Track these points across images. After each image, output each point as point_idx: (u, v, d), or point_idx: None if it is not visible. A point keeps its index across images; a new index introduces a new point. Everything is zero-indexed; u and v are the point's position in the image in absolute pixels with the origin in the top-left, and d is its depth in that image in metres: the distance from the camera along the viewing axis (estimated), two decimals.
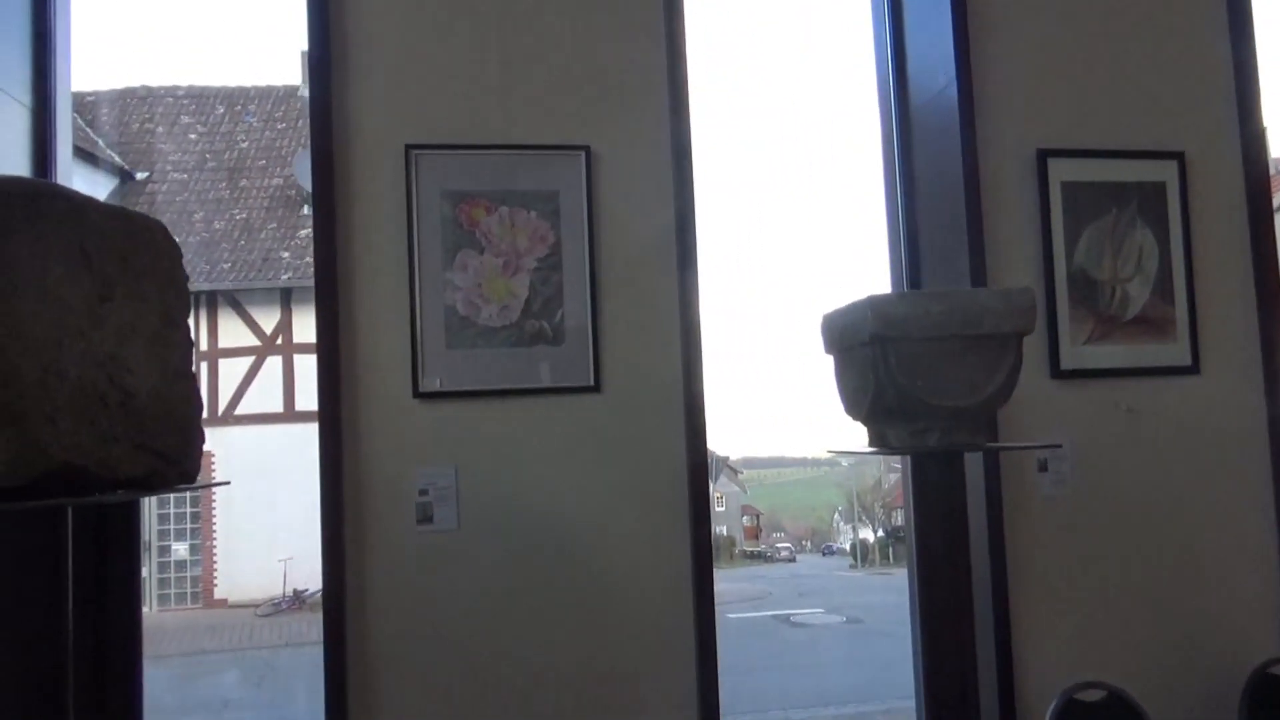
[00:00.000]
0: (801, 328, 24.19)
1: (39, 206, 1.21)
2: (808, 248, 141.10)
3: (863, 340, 1.77)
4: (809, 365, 18.25)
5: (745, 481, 46.28)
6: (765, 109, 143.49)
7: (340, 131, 2.30)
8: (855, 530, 36.60)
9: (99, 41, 41.19)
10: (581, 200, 2.35)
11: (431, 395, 2.27)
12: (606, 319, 2.36)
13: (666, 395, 2.37)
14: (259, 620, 11.99)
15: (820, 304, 19.99)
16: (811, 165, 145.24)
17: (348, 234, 2.28)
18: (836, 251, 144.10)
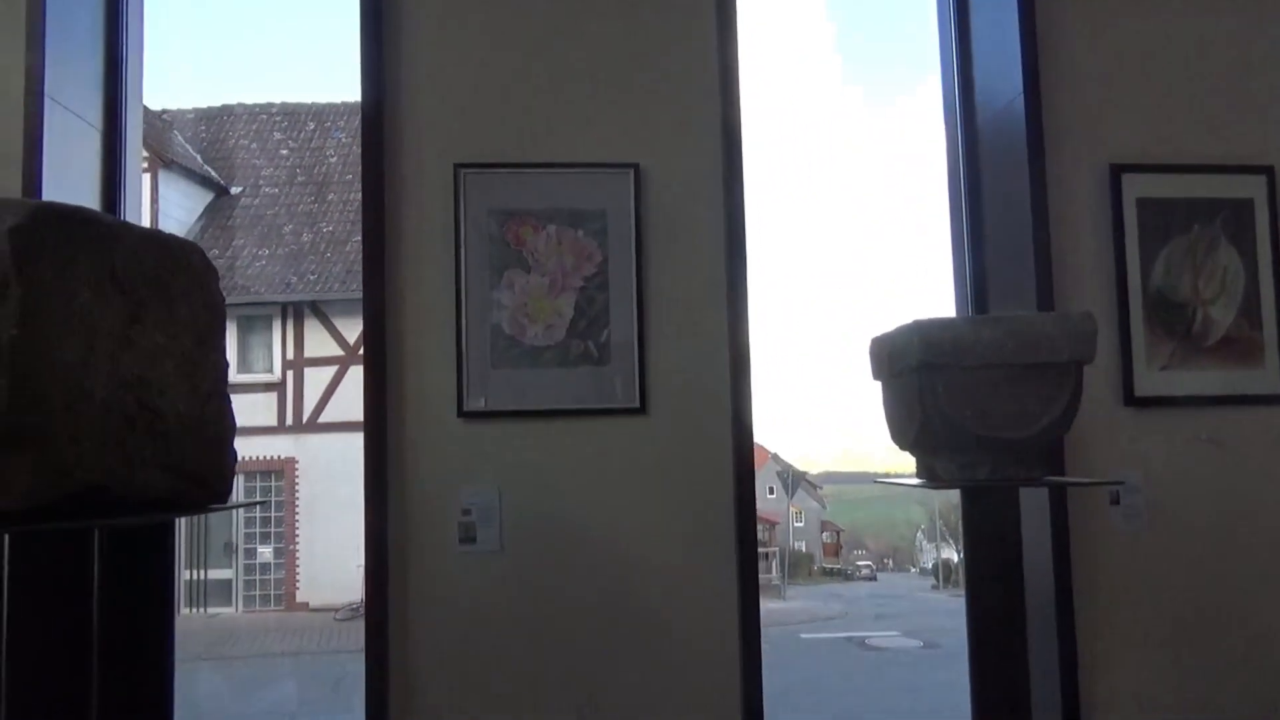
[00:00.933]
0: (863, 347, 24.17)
1: (68, 231, 1.24)
2: (870, 268, 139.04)
3: (910, 366, 1.70)
4: None
5: (826, 497, 45.60)
6: (822, 124, 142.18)
7: (391, 151, 2.33)
8: (938, 549, 35.69)
9: (188, 59, 43.16)
10: (629, 219, 2.34)
11: (476, 415, 2.28)
12: (653, 339, 2.33)
13: (714, 418, 2.33)
14: (337, 624, 12.29)
15: (883, 323, 19.34)
16: (874, 183, 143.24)
17: (396, 253, 2.31)
18: (900, 272, 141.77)
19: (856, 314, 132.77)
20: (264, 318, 13.87)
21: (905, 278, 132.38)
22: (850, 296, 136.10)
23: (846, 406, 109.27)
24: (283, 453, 13.56)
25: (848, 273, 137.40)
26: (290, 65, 43.98)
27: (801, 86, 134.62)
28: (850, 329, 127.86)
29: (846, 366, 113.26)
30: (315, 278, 14.16)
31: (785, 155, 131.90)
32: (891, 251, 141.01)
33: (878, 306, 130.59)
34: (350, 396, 13.72)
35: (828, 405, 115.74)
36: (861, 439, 72.20)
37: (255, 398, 13.39)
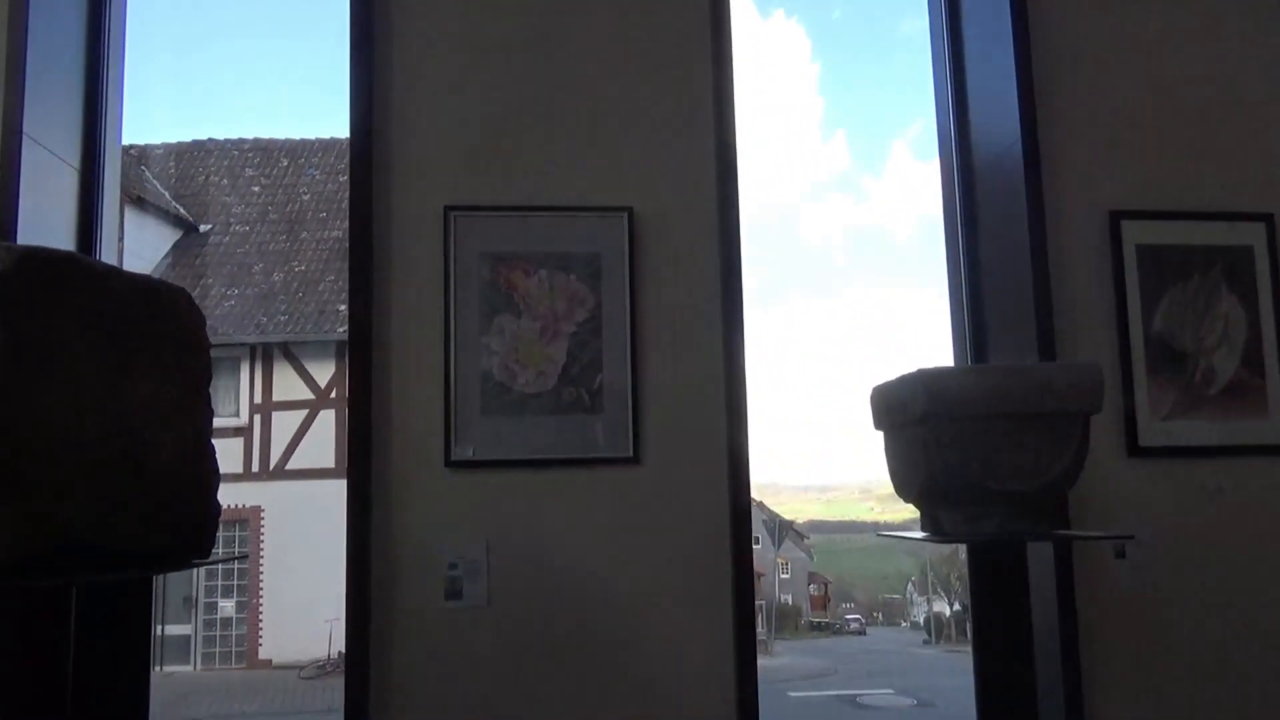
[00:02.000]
0: (860, 397, 24.45)
1: (56, 276, 1.25)
2: (868, 313, 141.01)
3: (914, 417, 1.72)
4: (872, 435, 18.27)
5: (812, 547, 45.41)
6: (817, 166, 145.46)
7: (380, 193, 2.34)
8: (930, 603, 35.53)
9: (165, 94, 43.40)
10: (623, 263, 2.36)
11: (464, 464, 2.27)
12: (647, 386, 2.34)
13: (710, 468, 2.33)
14: (303, 682, 12.05)
15: (880, 372, 19.15)
16: (869, 227, 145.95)
17: (384, 296, 2.31)
18: (898, 317, 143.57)
19: (852, 360, 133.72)
20: (231, 359, 13.80)
21: (901, 324, 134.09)
22: (846, 343, 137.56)
23: (840, 452, 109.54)
24: (248, 500, 13.39)
25: (843, 317, 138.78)
26: (267, 99, 44.36)
27: (787, 130, 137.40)
28: (846, 370, 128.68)
29: (839, 411, 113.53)
30: (286, 318, 14.12)
31: (775, 198, 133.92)
32: (887, 296, 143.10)
33: (874, 353, 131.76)
34: (321, 442, 13.62)
35: (820, 451, 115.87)
36: (846, 486, 72.26)
37: (221, 443, 13.19)
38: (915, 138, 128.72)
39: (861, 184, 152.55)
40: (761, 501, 35.80)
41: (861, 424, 2.04)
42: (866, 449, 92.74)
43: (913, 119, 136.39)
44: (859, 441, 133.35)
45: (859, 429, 35.19)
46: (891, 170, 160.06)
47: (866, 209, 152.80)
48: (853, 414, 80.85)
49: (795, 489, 74.40)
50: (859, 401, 2.00)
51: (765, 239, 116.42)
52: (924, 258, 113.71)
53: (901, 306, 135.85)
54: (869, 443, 1.92)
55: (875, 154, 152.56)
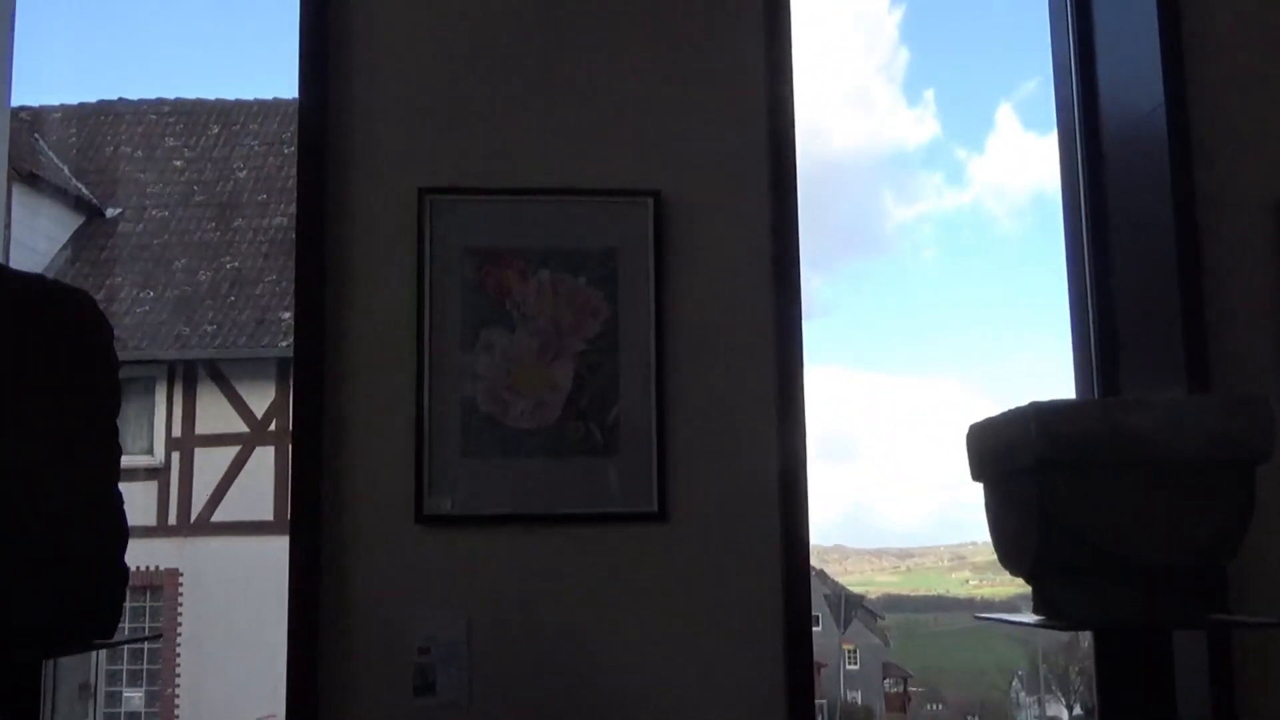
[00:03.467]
0: (954, 439, 24.67)
1: None
2: (963, 329, 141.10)
3: (1024, 466, 1.71)
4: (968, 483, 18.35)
5: (889, 630, 45.12)
6: (898, 137, 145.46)
7: (336, 170, 2.36)
8: (1042, 704, 35.15)
9: (65, 44, 44.02)
10: (647, 262, 2.37)
11: (440, 520, 2.27)
12: (677, 420, 2.34)
13: (757, 526, 2.33)
14: None
15: (981, 405, 19.07)
16: (966, 215, 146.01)
17: (340, 302, 2.33)
18: (1003, 334, 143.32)
19: (943, 388, 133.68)
20: (144, 380, 13.91)
21: (1007, 341, 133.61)
22: (934, 366, 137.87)
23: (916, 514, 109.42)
24: (163, 562, 13.45)
25: (931, 333, 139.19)
26: (192, 49, 44.74)
27: (859, 91, 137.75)
28: (935, 402, 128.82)
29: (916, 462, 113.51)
30: (215, 329, 14.23)
31: (842, 177, 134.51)
32: (988, 306, 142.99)
33: (972, 380, 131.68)
34: (257, 488, 13.67)
35: (899, 504, 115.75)
36: (932, 551, 71.92)
37: (130, 487, 13.26)
38: (1026, 101, 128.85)
39: (956, 159, 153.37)
40: (823, 570, 35.64)
41: (955, 472, 2.04)
42: (960, 503, 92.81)
43: (1024, 77, 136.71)
44: (951, 494, 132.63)
45: (951, 478, 35.26)
46: (995, 144, 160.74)
47: (962, 192, 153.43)
48: (943, 458, 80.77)
49: (866, 553, 74.00)
50: (952, 443, 1.99)
51: (828, 230, 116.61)
52: (1037, 257, 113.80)
53: (1007, 319, 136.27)
54: (964, 496, 1.92)
55: (974, 122, 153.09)
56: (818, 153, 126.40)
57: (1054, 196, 2.79)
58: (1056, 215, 2.77)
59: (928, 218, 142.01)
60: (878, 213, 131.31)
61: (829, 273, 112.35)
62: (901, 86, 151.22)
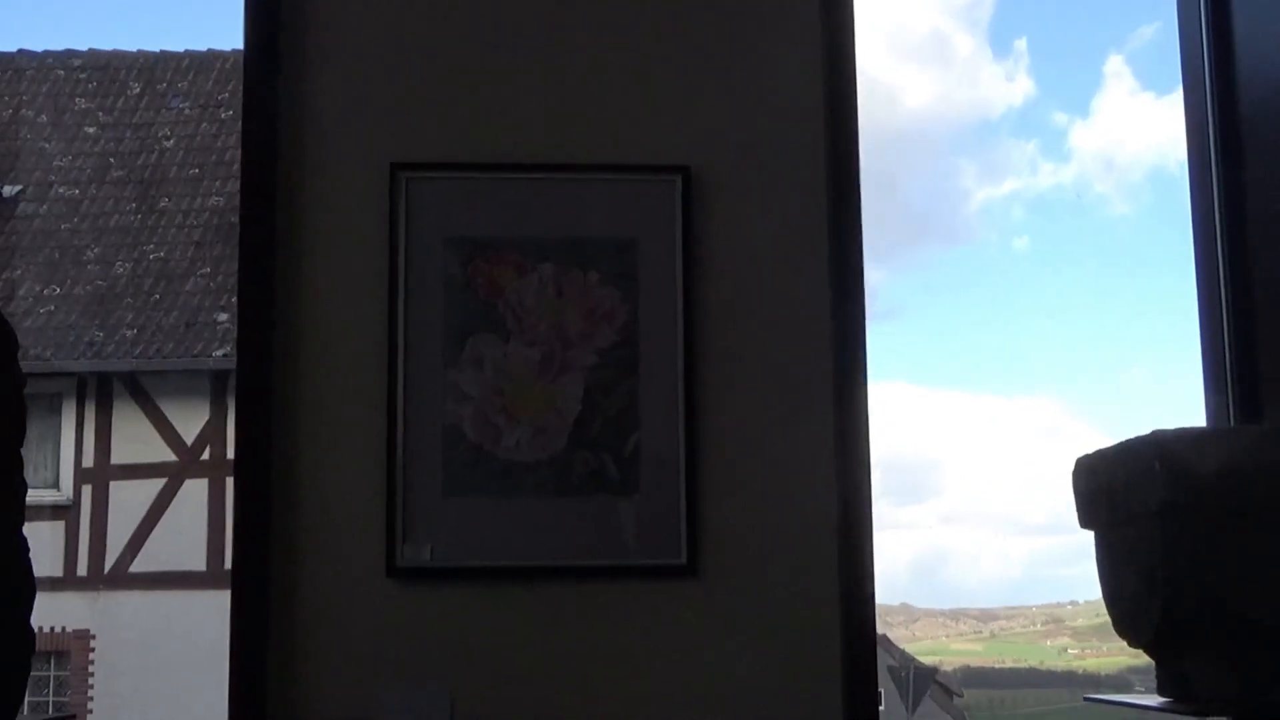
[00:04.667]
0: (1052, 474, 24.24)
1: None
2: (1066, 338, 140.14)
3: (1146, 510, 1.70)
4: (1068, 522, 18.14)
5: (968, 711, 45.01)
6: (984, 98, 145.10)
7: (289, 140, 2.37)
8: None
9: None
10: (674, 255, 2.37)
11: (417, 573, 2.28)
12: (711, 452, 2.34)
13: (810, 582, 2.33)
14: None
15: (1089, 435, 19.07)
16: (1068, 196, 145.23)
17: (293, 302, 2.34)
18: (1116, 345, 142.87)
19: (1038, 412, 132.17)
20: (49, 397, 13.99)
21: (1121, 355, 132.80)
22: (1028, 384, 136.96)
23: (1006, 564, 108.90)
24: (70, 622, 13.52)
25: (1024, 342, 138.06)
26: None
27: (933, 42, 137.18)
28: (1028, 430, 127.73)
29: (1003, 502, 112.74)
30: (135, 334, 14.32)
31: (913, 149, 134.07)
32: (1098, 310, 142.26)
33: (1076, 402, 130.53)
34: (187, 531, 13.74)
35: (981, 555, 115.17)
36: (1022, 612, 71.63)
37: (31, 529, 13.36)
38: (1142, 52, 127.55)
39: (1054, 126, 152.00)
40: (886, 635, 35.56)
41: (1053, 515, 2.02)
42: (1059, 554, 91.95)
43: (1140, 22, 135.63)
44: (1047, 542, 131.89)
45: (1048, 522, 34.59)
46: (1104, 106, 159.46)
47: (1062, 167, 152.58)
48: (1038, 499, 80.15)
49: (940, 614, 73.67)
50: (1050, 479, 1.98)
51: (895, 214, 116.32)
52: (1157, 248, 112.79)
53: (1120, 325, 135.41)
54: (1064, 545, 1.89)
55: (1077, 78, 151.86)
56: (884, 119, 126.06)
57: (1178, 173, 2.79)
58: (1181, 196, 2.77)
59: (1018, 198, 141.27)
60: (956, 193, 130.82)
61: (895, 267, 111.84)
62: (987, 35, 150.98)
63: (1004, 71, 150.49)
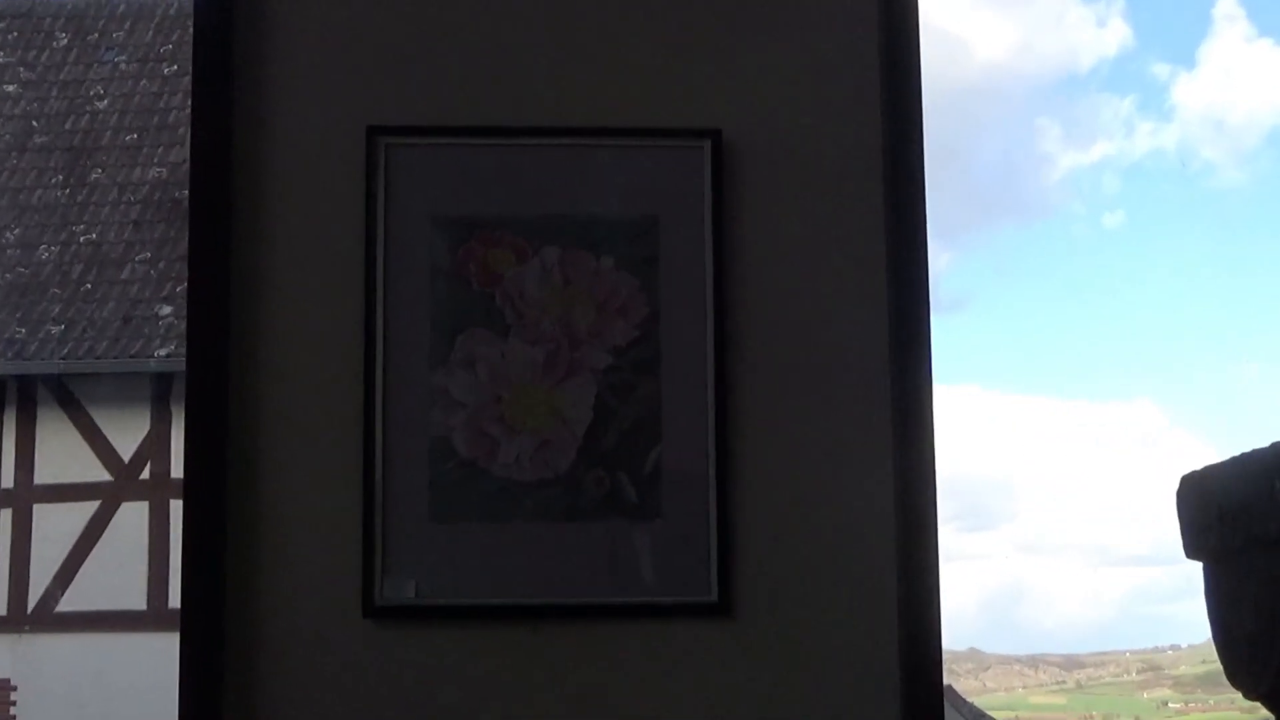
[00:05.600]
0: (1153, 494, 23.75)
1: None
2: (1169, 333, 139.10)
3: (1267, 537, 1.70)
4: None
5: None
6: (1070, 48, 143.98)
7: (246, 100, 2.38)
8: None
9: None
10: (702, 235, 2.37)
11: (398, 613, 2.28)
12: (747, 469, 2.34)
13: (864, 624, 2.33)
14: None
15: (1195, 450, 19.06)
16: (1170, 165, 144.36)
17: (252, 294, 2.34)
18: (1227, 343, 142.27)
19: (1131, 423, 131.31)
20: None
21: (1232, 354, 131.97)
22: (1120, 388, 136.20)
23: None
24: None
25: (1116, 340, 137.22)
26: None
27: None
28: (1118, 445, 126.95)
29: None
30: (63, 330, 14.35)
31: (985, 108, 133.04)
32: (1205, 304, 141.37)
33: (1179, 411, 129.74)
34: (123, 562, 13.75)
35: (1062, 590, 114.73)
36: (1112, 657, 71.37)
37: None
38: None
39: (1153, 80, 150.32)
40: (951, 686, 35.53)
41: (1151, 543, 2.01)
42: (1158, 590, 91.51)
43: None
44: (1143, 575, 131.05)
45: (1145, 551, 34.40)
46: (1211, 56, 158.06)
47: (1163, 128, 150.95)
48: (1133, 524, 79.43)
49: (1016, 661, 73.25)
50: (1151, 501, 1.98)
51: (964, 185, 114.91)
52: (1277, 226, 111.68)
53: (1231, 317, 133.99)
54: (1164, 579, 1.88)
55: (1180, 24, 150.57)
56: (952, 73, 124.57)
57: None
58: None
59: (1110, 166, 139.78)
60: (1036, 159, 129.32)
61: (964, 249, 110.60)
62: None
63: (1094, 16, 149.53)
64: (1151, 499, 24.06)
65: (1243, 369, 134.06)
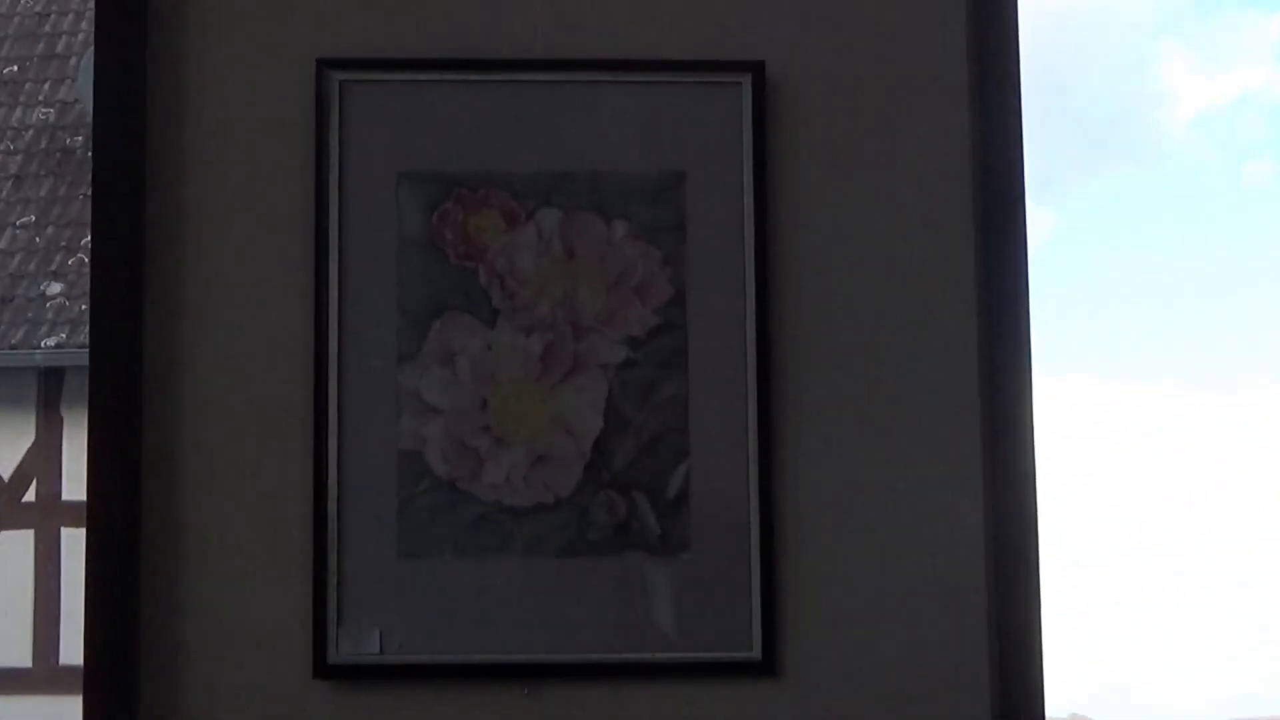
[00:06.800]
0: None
1: None
2: None
3: None
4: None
5: None
6: None
7: (163, 21, 2.36)
8: None
9: None
10: (739, 195, 2.36)
11: (360, 673, 2.28)
12: (796, 491, 2.34)
13: (948, 689, 2.33)
14: None
15: None
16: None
17: (174, 269, 2.33)
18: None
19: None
20: None
21: None
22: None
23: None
24: None
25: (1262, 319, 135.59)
26: None
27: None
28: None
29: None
30: None
31: (1089, 26, 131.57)
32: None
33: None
34: (2, 607, 13.77)
35: (1196, 640, 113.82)
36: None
37: None
38: None
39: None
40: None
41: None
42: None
43: None
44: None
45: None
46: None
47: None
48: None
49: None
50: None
51: (1067, 126, 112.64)
52: None
53: None
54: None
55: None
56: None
57: None
58: None
59: (1252, 102, 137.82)
60: (1158, 96, 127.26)
61: (1067, 203, 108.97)
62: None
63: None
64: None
65: None
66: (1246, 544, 35.85)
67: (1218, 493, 37.69)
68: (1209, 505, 50.01)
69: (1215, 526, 33.37)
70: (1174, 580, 29.36)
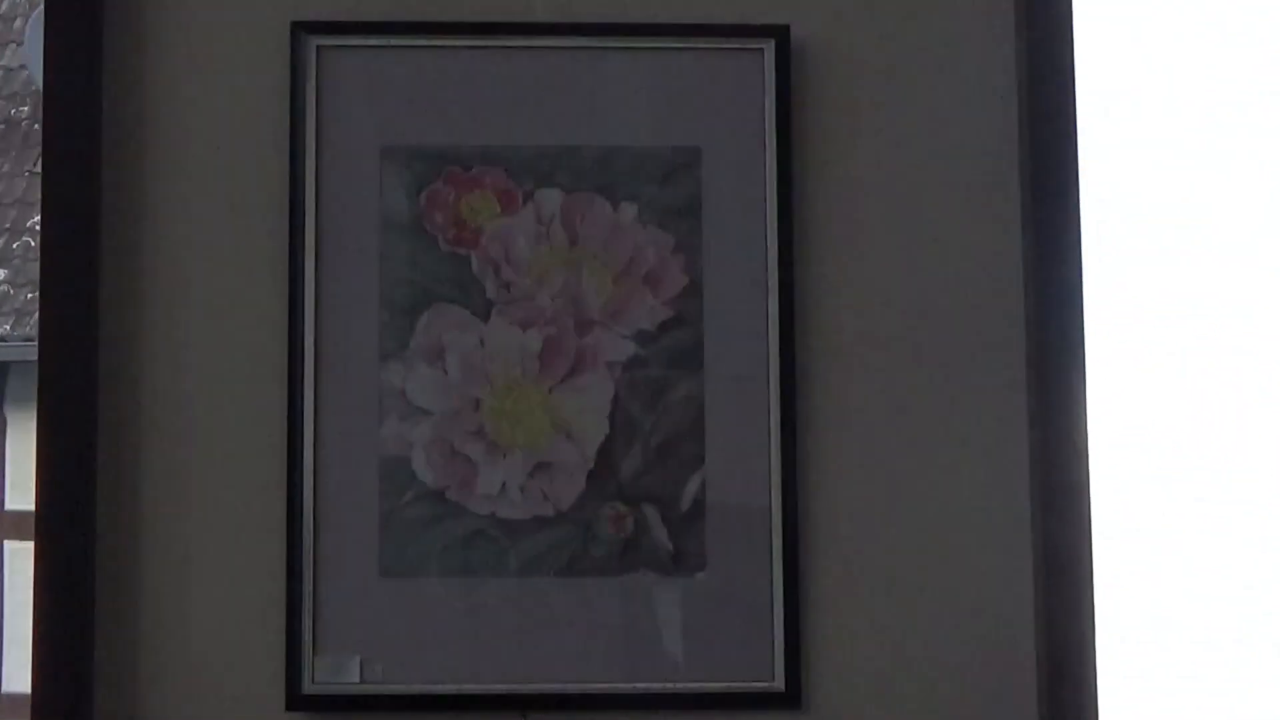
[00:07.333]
0: None
1: None
2: None
3: None
4: None
5: None
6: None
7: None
8: None
9: None
10: (761, 174, 2.36)
11: (338, 704, 2.28)
12: (823, 504, 2.33)
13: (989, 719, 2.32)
14: None
15: None
16: None
17: (134, 255, 2.33)
18: None
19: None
20: None
21: None
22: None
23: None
24: None
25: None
26: None
27: None
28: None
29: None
30: None
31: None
32: None
33: None
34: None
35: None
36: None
37: None
38: None
39: None
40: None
41: None
42: None
43: None
44: None
45: None
46: None
47: None
48: None
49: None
50: None
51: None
52: None
53: None
54: None
55: None
56: None
57: None
58: None
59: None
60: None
61: None
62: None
63: None
64: None
65: None
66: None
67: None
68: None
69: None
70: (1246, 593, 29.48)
